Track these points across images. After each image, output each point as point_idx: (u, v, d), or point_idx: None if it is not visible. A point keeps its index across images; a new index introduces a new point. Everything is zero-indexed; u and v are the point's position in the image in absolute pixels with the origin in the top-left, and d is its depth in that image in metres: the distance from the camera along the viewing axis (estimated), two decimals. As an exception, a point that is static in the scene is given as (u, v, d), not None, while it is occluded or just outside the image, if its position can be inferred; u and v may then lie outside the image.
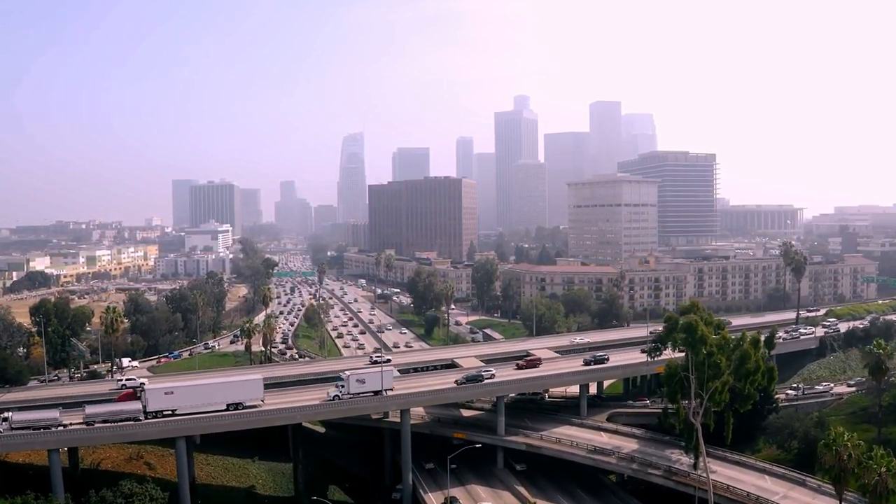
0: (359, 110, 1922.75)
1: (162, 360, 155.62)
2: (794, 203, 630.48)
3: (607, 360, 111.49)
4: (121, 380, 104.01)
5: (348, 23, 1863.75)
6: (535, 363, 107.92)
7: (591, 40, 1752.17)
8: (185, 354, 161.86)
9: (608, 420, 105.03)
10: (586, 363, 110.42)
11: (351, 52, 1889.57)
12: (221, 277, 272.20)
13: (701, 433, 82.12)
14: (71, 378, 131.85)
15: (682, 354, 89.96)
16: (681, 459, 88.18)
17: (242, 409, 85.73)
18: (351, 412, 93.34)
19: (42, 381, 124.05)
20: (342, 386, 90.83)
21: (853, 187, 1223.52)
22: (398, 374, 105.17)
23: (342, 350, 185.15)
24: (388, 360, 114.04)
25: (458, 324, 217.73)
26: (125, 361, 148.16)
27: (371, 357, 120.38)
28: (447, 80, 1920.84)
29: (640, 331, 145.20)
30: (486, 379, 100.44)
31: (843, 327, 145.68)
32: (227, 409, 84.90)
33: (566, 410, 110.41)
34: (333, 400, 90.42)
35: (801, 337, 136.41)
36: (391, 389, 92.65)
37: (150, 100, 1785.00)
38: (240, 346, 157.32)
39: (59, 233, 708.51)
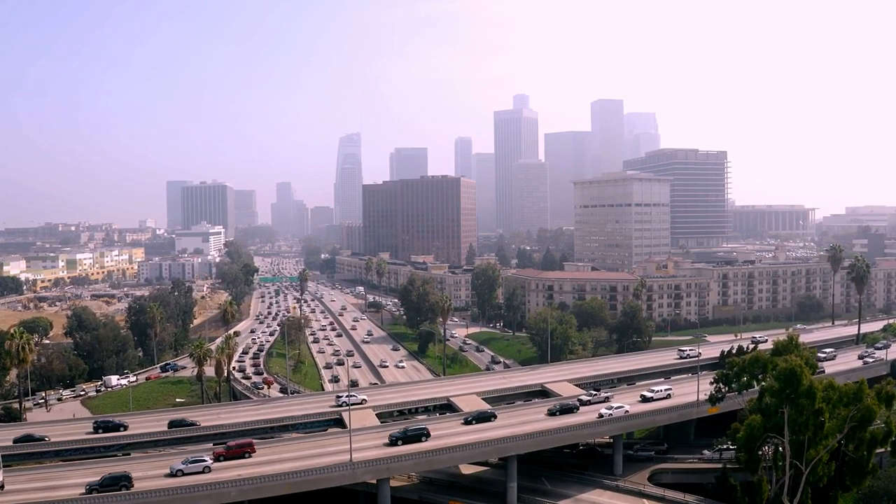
0: (357, 111, 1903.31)
1: (153, 375, 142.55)
2: (801, 203, 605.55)
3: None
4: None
5: (347, 23, 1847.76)
6: (243, 451, 71.23)
7: (593, 38, 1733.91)
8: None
9: (650, 479, 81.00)
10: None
11: (350, 52, 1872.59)
12: (190, 286, 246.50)
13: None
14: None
15: (747, 396, 66.87)
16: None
17: None
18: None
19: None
20: None
21: (858, 187, 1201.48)
22: (380, 424, 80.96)
23: (322, 370, 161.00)
24: None
25: (455, 337, 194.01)
26: (113, 380, 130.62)
27: None
28: (447, 80, 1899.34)
29: (671, 353, 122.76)
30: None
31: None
32: None
33: (595, 465, 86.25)
34: None
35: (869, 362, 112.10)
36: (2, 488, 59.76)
37: (148, 101, 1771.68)
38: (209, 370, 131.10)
39: (47, 235, 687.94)
